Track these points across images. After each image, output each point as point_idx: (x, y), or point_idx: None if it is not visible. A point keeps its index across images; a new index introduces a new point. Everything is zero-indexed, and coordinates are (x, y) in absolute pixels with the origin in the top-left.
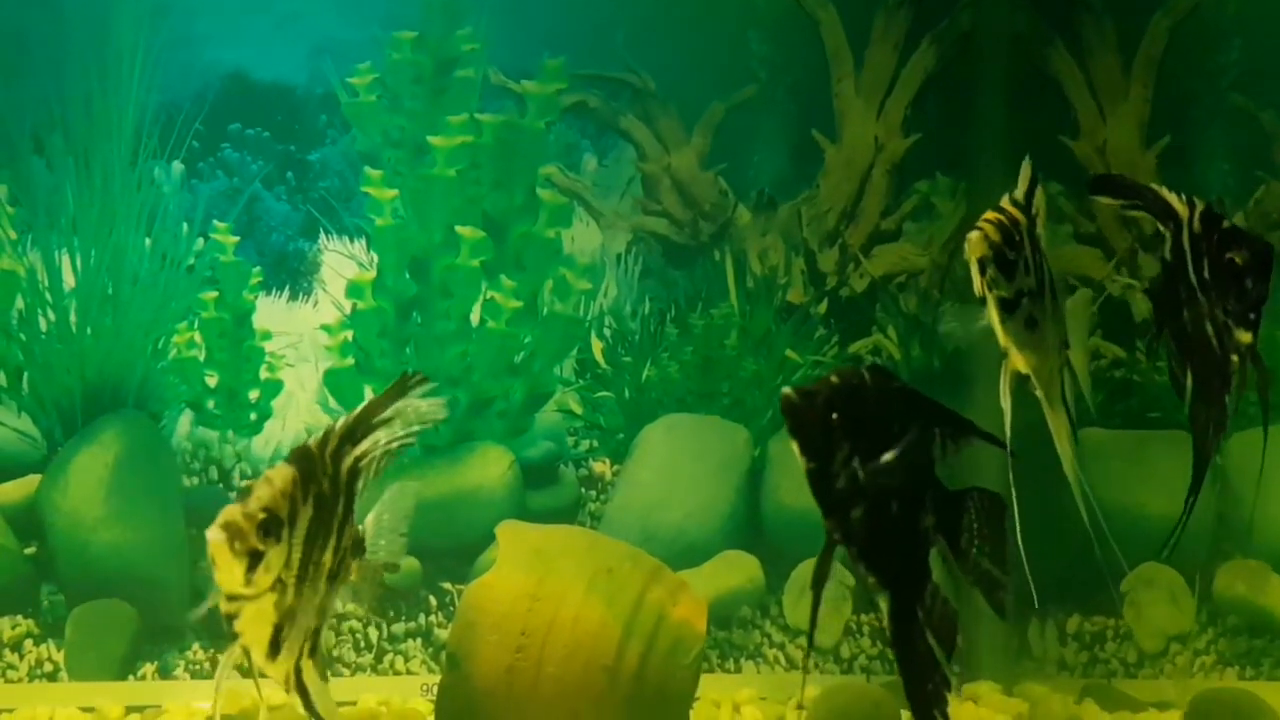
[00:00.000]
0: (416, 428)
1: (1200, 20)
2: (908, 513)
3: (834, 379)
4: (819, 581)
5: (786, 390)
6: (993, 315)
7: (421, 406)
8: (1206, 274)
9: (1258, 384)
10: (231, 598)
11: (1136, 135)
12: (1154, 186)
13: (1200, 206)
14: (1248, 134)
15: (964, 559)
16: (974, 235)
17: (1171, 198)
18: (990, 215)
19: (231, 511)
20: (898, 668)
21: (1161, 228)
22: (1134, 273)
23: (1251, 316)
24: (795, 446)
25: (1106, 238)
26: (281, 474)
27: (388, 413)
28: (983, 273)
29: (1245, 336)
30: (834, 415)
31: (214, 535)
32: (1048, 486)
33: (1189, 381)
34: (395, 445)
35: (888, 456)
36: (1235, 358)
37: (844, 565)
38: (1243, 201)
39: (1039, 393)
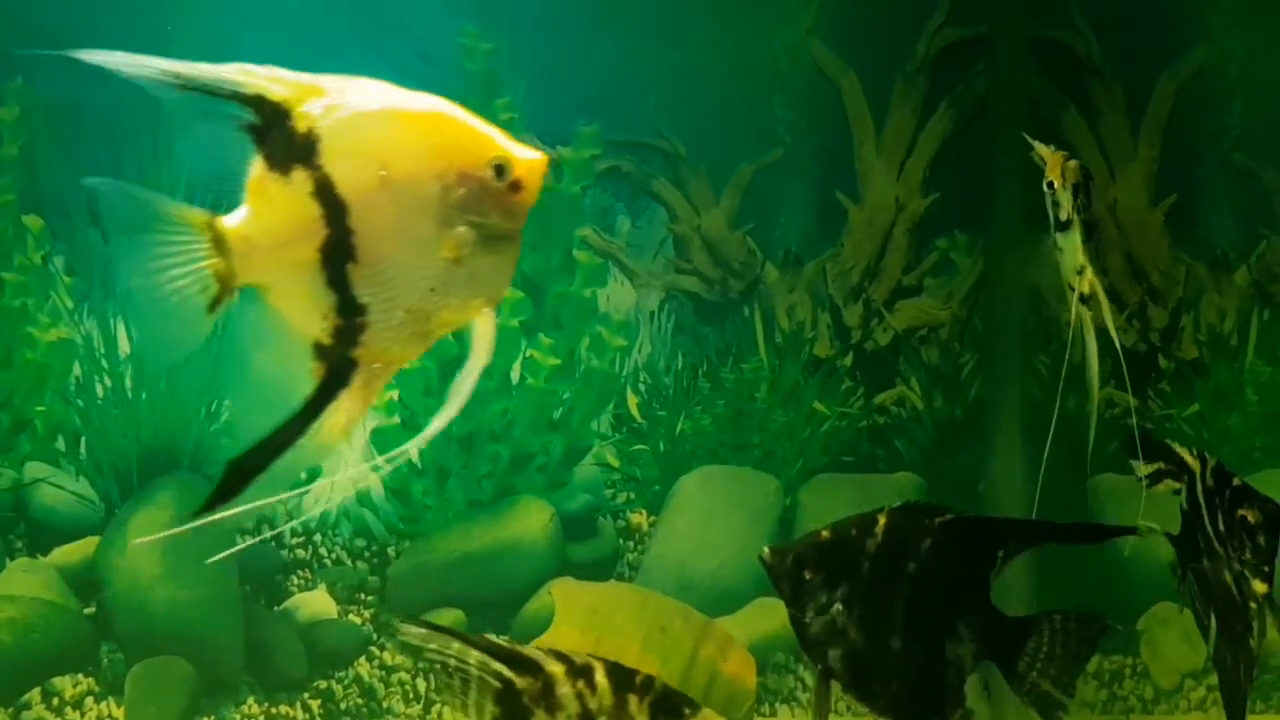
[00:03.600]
0: None
1: (1203, 84)
2: (921, 646)
3: (824, 534)
4: (820, 713)
5: (764, 548)
6: (1077, 237)
7: None
8: (1221, 527)
9: None
10: None
11: (1145, 193)
12: (1168, 442)
13: (1211, 462)
14: (1250, 192)
15: (1019, 681)
16: (1072, 162)
17: (1183, 452)
18: (1063, 152)
19: None
20: None
21: (1174, 483)
22: (1144, 324)
23: (1266, 569)
24: None
25: (1118, 290)
26: None
27: None
28: (1075, 196)
29: (1261, 587)
30: (805, 572)
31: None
32: None
33: (1213, 623)
34: None
35: (837, 609)
36: (1254, 605)
37: None
38: (1246, 256)
39: (1103, 309)
